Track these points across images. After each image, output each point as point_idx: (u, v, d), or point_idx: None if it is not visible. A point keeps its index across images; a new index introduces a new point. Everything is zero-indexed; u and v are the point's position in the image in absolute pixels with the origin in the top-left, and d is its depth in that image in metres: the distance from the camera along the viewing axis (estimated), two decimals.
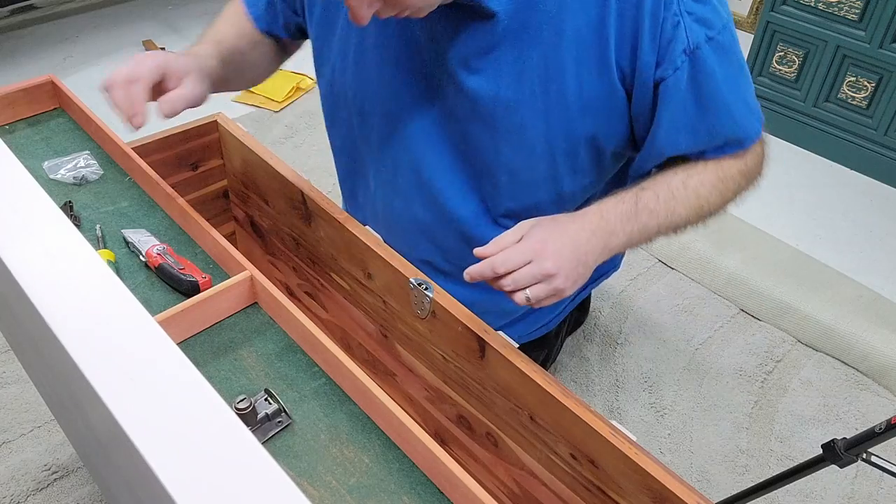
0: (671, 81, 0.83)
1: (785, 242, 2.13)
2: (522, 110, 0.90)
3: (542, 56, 0.86)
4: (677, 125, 0.88)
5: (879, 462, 1.02)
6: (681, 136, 0.89)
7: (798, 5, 2.38)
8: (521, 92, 0.89)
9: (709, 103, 0.86)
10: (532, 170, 0.96)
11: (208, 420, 0.38)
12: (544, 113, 0.90)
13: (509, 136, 0.93)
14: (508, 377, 0.95)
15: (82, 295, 0.45)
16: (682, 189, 0.90)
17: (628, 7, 0.81)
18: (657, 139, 0.90)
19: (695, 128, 0.88)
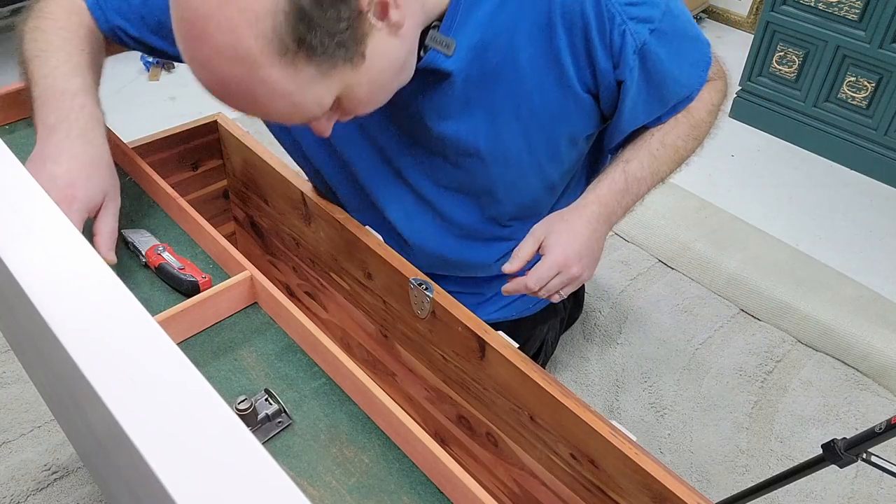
0: (628, 79, 0.91)
1: (785, 242, 2.13)
2: (503, 137, 0.97)
3: (506, 90, 0.93)
4: (636, 108, 0.97)
5: (879, 462, 1.02)
6: (640, 115, 0.99)
7: (798, 5, 2.38)
8: (496, 125, 0.96)
9: (660, 82, 0.95)
10: (524, 177, 1.04)
11: (208, 420, 0.38)
12: (522, 133, 0.97)
13: (497, 160, 1.00)
14: (508, 377, 0.95)
15: (82, 295, 0.45)
16: (661, 149, 1.00)
17: (576, 33, 0.87)
18: (620, 121, 0.99)
19: (650, 105, 0.98)
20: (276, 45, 0.68)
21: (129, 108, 2.65)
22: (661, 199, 2.16)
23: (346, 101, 0.78)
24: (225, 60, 0.69)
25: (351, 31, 0.71)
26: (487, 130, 0.96)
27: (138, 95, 2.73)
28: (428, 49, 0.86)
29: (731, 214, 2.21)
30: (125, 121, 2.52)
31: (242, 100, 0.73)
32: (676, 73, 0.97)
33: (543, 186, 1.08)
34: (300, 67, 0.70)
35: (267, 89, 0.71)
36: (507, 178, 1.03)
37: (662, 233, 2.12)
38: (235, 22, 0.66)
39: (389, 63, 0.78)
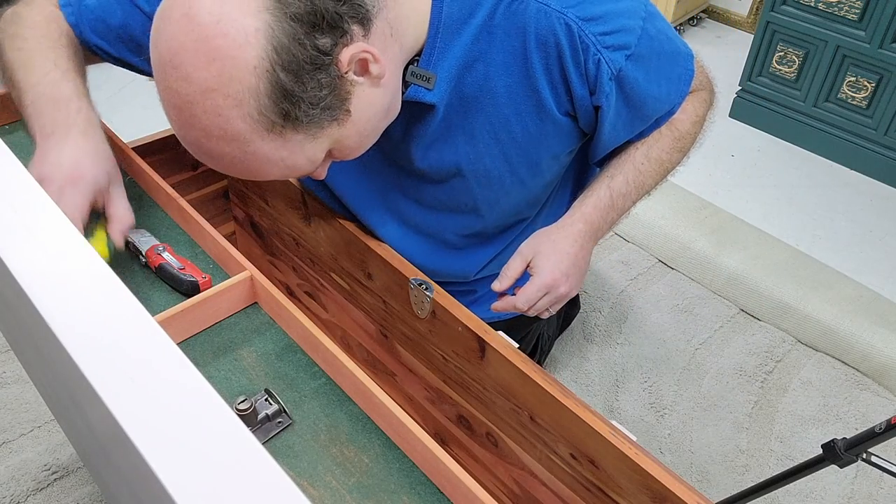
0: (605, 104, 0.91)
1: (785, 242, 2.13)
2: (484, 160, 0.98)
3: (486, 117, 0.94)
4: (616, 128, 0.97)
5: (879, 462, 1.02)
6: (620, 133, 0.99)
7: (798, 5, 2.38)
8: (477, 149, 0.97)
9: (639, 103, 0.95)
10: (507, 195, 1.05)
11: (208, 420, 0.38)
12: (502, 155, 0.98)
13: (479, 180, 1.01)
14: (508, 377, 0.95)
15: (82, 295, 0.45)
16: (646, 163, 1.01)
17: (552, 62, 0.88)
18: (601, 140, 0.99)
19: (631, 124, 0.99)
20: (264, 122, 0.69)
21: (129, 108, 2.65)
22: (661, 199, 2.16)
23: (337, 152, 0.80)
24: (215, 140, 0.71)
25: (334, 95, 0.72)
26: (468, 152, 0.97)
27: (138, 95, 2.73)
28: (409, 84, 0.88)
29: (731, 214, 2.21)
30: (125, 121, 2.52)
31: (237, 170, 0.75)
32: (655, 92, 0.97)
33: (527, 201, 1.10)
34: (288, 137, 0.72)
35: (259, 160, 0.73)
36: (490, 197, 1.04)
37: (662, 233, 2.12)
38: (221, 107, 0.68)
39: (375, 111, 0.79)
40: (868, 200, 2.38)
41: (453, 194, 1.04)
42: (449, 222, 1.09)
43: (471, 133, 0.95)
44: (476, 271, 1.18)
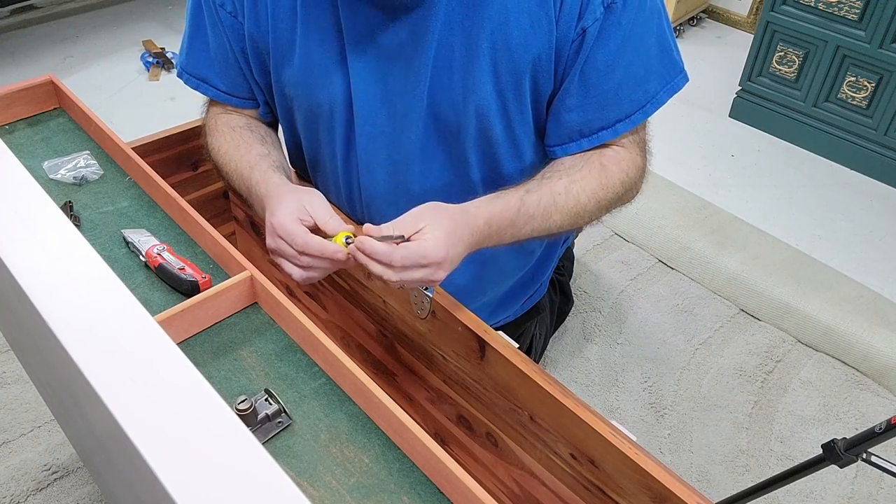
0: (590, 30, 0.88)
1: (785, 242, 2.13)
2: (476, 75, 0.93)
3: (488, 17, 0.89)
4: (580, 87, 0.93)
5: (879, 462, 1.02)
6: (577, 100, 0.94)
7: (798, 5, 2.38)
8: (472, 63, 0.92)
9: (612, 65, 0.91)
10: (492, 130, 0.97)
11: (208, 420, 0.38)
12: (493, 67, 0.92)
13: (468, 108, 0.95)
14: (508, 377, 0.95)
15: (82, 295, 0.45)
16: (563, 195, 0.94)
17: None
18: (563, 102, 0.95)
19: (590, 93, 0.93)
20: None
21: (129, 108, 2.65)
22: (662, 199, 2.16)
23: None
24: None
25: None
26: (463, 55, 0.92)
27: (138, 95, 2.73)
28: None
29: (731, 214, 2.21)
30: (125, 121, 2.52)
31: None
32: (632, 70, 0.92)
33: (512, 155, 1.02)
34: None
35: None
36: (472, 125, 0.98)
37: (662, 233, 2.12)
38: None
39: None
40: (868, 200, 2.38)
41: (443, 115, 0.98)
42: (440, 171, 1.03)
43: (469, 30, 0.90)
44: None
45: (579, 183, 0.95)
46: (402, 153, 1.02)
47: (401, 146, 1.01)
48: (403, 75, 0.96)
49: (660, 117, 1.03)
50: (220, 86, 1.08)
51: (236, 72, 1.07)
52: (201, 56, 1.07)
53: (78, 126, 1.22)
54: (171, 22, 3.24)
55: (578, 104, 0.95)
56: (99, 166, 1.14)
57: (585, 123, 0.96)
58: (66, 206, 1.06)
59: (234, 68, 1.06)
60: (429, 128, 0.99)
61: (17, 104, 1.21)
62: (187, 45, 1.08)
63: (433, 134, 1.00)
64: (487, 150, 1.02)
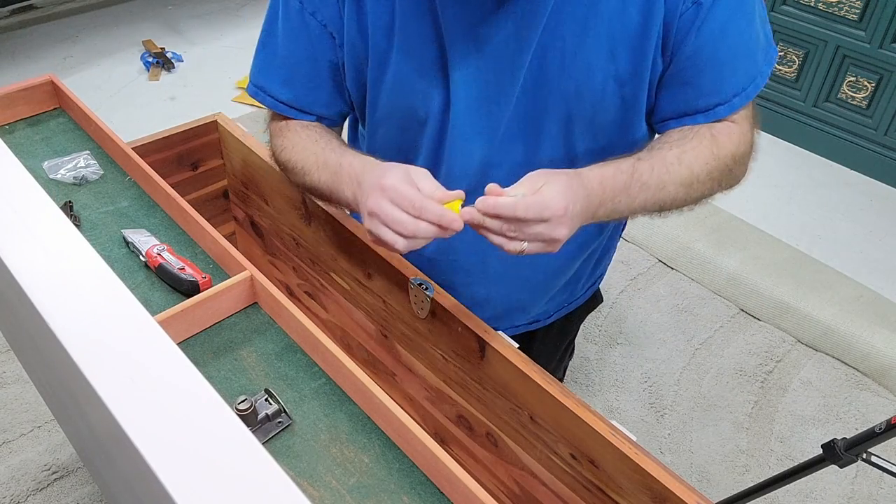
0: (694, 15, 0.86)
1: (785, 242, 2.13)
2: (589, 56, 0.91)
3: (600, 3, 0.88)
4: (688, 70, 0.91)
5: (879, 462, 1.02)
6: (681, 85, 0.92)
7: (798, 5, 2.38)
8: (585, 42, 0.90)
9: (718, 47, 0.89)
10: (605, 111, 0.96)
11: (208, 420, 0.38)
12: (610, 53, 0.90)
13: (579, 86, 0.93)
14: (508, 377, 0.95)
15: (82, 295, 0.45)
16: (676, 164, 0.91)
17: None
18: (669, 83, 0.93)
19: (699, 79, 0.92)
20: None
21: (129, 108, 2.65)
22: None
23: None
24: None
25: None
26: (575, 45, 0.89)
27: (138, 95, 2.73)
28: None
29: (731, 214, 2.21)
30: (125, 121, 2.53)
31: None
32: (738, 51, 0.91)
33: (622, 137, 0.99)
34: None
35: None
36: (586, 111, 0.94)
37: (662, 233, 2.12)
38: None
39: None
40: (868, 200, 2.38)
41: (546, 100, 0.94)
42: (536, 148, 0.99)
43: (584, 16, 0.88)
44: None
45: (691, 153, 0.92)
46: (496, 148, 1.00)
47: (496, 142, 0.99)
48: (508, 71, 0.94)
49: None
50: (283, 97, 1.05)
51: (308, 85, 1.04)
52: (269, 66, 1.05)
53: (78, 126, 1.22)
54: (172, 22, 3.24)
55: (692, 78, 0.93)
56: (99, 166, 1.14)
57: (700, 98, 0.94)
58: (66, 206, 1.06)
59: (306, 80, 1.04)
60: (527, 120, 0.97)
61: (17, 104, 1.21)
62: (257, 57, 1.06)
63: (531, 126, 0.98)
64: (596, 134, 0.99)
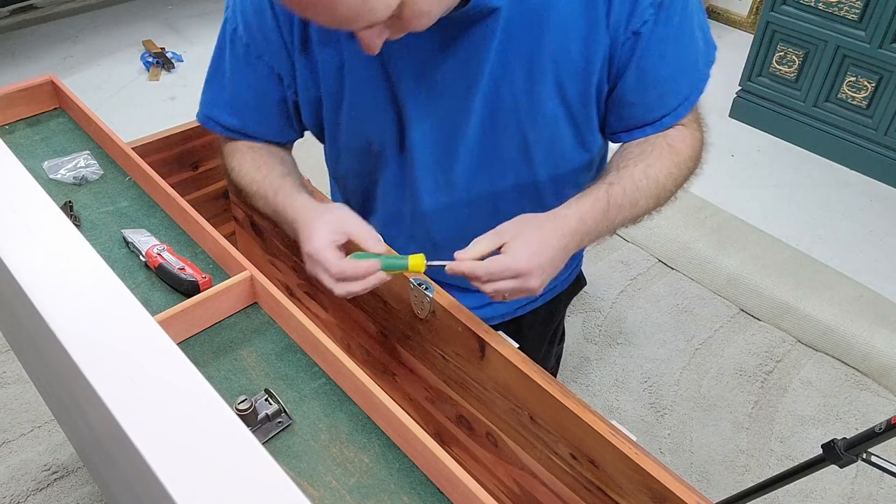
0: (644, 30, 0.90)
1: (785, 242, 2.13)
2: (538, 88, 0.95)
3: (548, 35, 0.91)
4: (636, 84, 0.95)
5: (879, 462, 1.02)
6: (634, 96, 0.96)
7: (798, 5, 2.38)
8: (532, 74, 0.94)
9: (662, 63, 0.94)
10: (560, 136, 1.01)
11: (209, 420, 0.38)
12: (556, 84, 0.94)
13: (532, 115, 0.97)
14: (508, 377, 0.95)
15: (82, 295, 0.45)
16: (644, 179, 0.97)
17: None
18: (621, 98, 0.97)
19: (647, 92, 0.96)
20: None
21: (129, 108, 2.65)
22: None
23: (407, 8, 0.78)
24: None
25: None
26: (524, 77, 0.93)
27: (138, 95, 2.73)
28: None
29: (731, 214, 2.21)
30: (125, 121, 2.53)
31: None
32: (679, 63, 0.95)
33: (580, 153, 1.04)
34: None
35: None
36: (542, 136, 0.99)
37: (662, 233, 2.12)
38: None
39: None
40: (868, 200, 2.38)
41: (503, 131, 0.99)
42: (499, 175, 1.04)
43: (529, 54, 0.92)
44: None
45: (655, 165, 0.98)
46: (460, 178, 1.04)
47: (458, 172, 1.04)
48: (460, 109, 0.98)
49: None
50: (233, 125, 1.09)
51: (257, 117, 1.08)
52: (217, 98, 1.09)
53: (78, 126, 1.22)
54: (171, 22, 3.24)
55: (638, 99, 0.98)
56: (99, 166, 1.14)
57: (647, 113, 1.00)
58: (66, 206, 1.06)
59: (254, 112, 1.08)
60: (487, 151, 1.02)
61: (17, 104, 1.21)
62: (205, 90, 1.10)
63: (492, 156, 1.03)
64: (555, 158, 1.04)
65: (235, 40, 1.02)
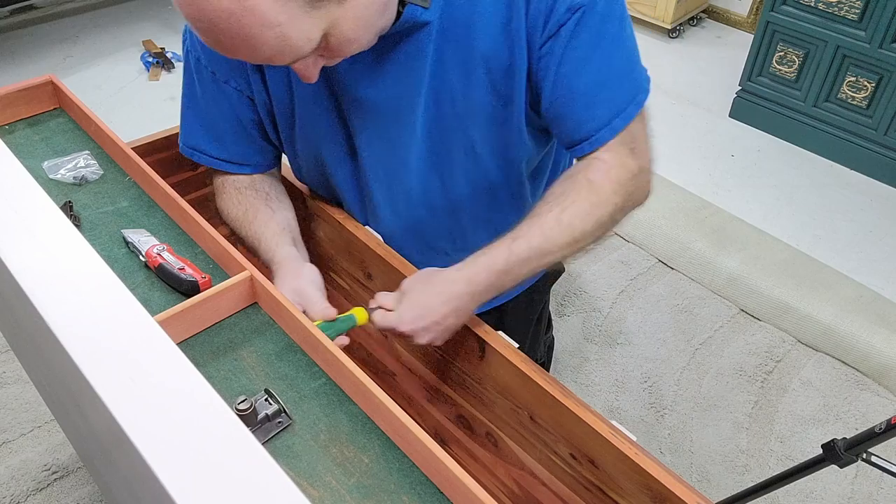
0: (562, 34, 0.89)
1: (785, 242, 2.13)
2: (475, 92, 0.95)
3: (476, 42, 0.91)
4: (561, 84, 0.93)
5: (879, 462, 1.02)
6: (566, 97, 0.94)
7: (798, 5, 2.38)
8: (469, 80, 0.94)
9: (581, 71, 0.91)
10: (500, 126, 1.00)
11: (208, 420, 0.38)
12: (491, 85, 0.94)
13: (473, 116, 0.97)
14: (508, 377, 0.95)
15: (82, 295, 0.45)
16: (556, 227, 0.93)
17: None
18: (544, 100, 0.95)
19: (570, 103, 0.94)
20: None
21: (129, 108, 2.65)
22: (661, 199, 2.16)
23: (333, 38, 0.79)
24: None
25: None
26: (462, 83, 0.94)
27: (138, 95, 2.73)
28: (406, 5, 0.87)
29: (731, 214, 2.21)
30: (125, 121, 2.52)
31: (231, 36, 0.74)
32: (599, 78, 0.91)
33: (522, 149, 1.03)
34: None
35: (255, 21, 0.72)
36: (486, 138, 1.00)
37: (662, 233, 2.12)
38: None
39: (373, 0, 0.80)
40: (868, 200, 2.38)
41: (449, 137, 1.00)
42: (452, 179, 1.05)
43: (463, 61, 0.92)
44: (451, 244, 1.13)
45: (570, 210, 0.93)
46: (414, 184, 1.05)
47: (410, 179, 1.05)
48: (404, 121, 0.99)
49: (660, 117, 1.02)
50: (218, 154, 1.12)
51: (237, 141, 1.10)
52: (197, 128, 1.11)
53: (78, 126, 1.22)
54: (171, 22, 3.24)
55: (566, 111, 0.95)
56: (99, 166, 1.14)
57: (574, 131, 0.96)
58: (66, 206, 1.06)
59: (234, 137, 1.09)
60: (436, 156, 1.03)
61: (17, 104, 1.21)
62: (183, 120, 1.12)
63: (442, 160, 1.04)
64: (503, 156, 1.04)
65: (201, 69, 1.04)
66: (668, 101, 2.74)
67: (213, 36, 0.75)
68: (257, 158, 1.12)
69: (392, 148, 1.02)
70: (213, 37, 0.75)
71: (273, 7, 0.72)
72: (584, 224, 0.93)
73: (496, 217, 1.11)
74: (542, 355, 1.52)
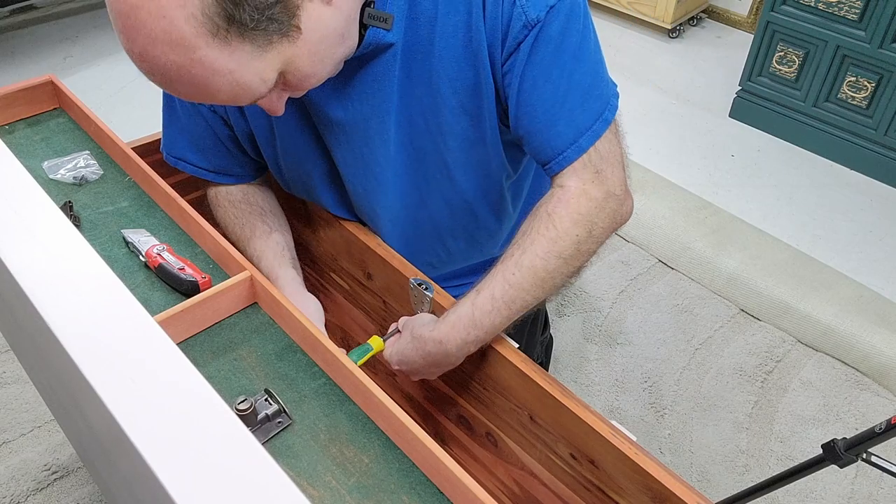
0: (520, 51, 0.87)
1: (785, 242, 2.13)
2: (443, 112, 0.95)
3: (440, 62, 0.90)
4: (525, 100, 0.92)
5: (879, 462, 1.02)
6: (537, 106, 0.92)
7: (798, 5, 2.38)
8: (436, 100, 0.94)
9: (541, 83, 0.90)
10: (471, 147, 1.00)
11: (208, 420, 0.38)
12: (460, 106, 0.94)
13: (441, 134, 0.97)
14: (508, 377, 0.95)
15: (82, 295, 0.45)
16: (517, 272, 0.90)
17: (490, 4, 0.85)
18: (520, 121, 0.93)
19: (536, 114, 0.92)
20: (208, 25, 0.69)
21: (129, 108, 2.65)
22: (661, 199, 2.16)
23: (290, 75, 0.79)
24: (160, 47, 0.70)
25: (281, 6, 0.72)
26: (430, 104, 0.93)
27: (138, 95, 2.73)
28: (367, 28, 0.86)
29: (731, 214, 2.21)
30: (125, 121, 2.52)
31: (185, 85, 0.74)
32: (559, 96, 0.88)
33: (500, 164, 1.02)
34: (235, 45, 0.71)
35: (206, 71, 0.72)
36: (459, 157, 0.99)
37: (662, 233, 2.12)
38: (164, 7, 0.67)
39: (327, 32, 0.78)
40: (868, 200, 2.38)
41: (424, 156, 0.99)
42: (429, 197, 1.05)
43: (428, 80, 0.92)
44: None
45: (529, 250, 0.90)
46: (393, 197, 1.05)
47: (389, 194, 1.05)
48: (376, 142, 0.99)
49: (660, 117, 1.02)
50: (201, 164, 1.12)
51: (218, 153, 1.11)
52: (179, 138, 1.11)
53: (78, 126, 1.22)
54: None
55: (532, 129, 0.92)
56: (99, 166, 1.14)
57: (540, 149, 0.93)
58: (66, 206, 1.06)
59: (215, 150, 1.10)
60: (411, 172, 1.03)
61: (17, 104, 1.21)
62: (165, 129, 1.13)
63: (417, 176, 1.04)
64: (475, 170, 1.03)
65: None
66: (668, 101, 2.74)
67: (170, 86, 0.75)
68: (240, 170, 1.13)
69: (367, 166, 1.02)
70: (170, 87, 0.75)
71: (220, 56, 0.71)
72: (546, 263, 0.90)
73: (477, 232, 1.13)
74: (539, 356, 1.52)
